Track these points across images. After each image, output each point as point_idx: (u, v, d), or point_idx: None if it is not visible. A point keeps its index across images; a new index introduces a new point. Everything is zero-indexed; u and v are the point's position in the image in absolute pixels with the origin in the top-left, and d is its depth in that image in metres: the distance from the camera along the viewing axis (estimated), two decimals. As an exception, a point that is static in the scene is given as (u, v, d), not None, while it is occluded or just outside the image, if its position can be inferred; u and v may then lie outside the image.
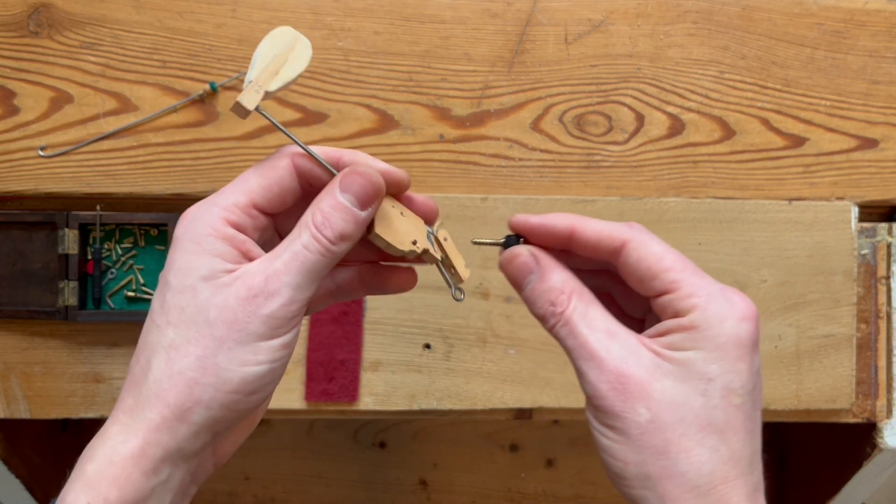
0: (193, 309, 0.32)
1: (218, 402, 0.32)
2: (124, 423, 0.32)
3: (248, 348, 0.32)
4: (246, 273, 0.32)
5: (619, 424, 0.32)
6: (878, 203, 0.64)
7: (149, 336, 0.33)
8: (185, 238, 0.33)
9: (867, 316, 0.63)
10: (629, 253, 0.34)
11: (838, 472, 0.70)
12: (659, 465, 0.31)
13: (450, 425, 0.86)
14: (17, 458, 0.65)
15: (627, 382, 0.32)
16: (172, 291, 0.32)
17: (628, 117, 0.62)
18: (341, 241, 0.33)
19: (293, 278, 0.32)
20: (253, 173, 0.34)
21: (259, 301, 0.32)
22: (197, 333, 0.32)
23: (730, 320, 0.32)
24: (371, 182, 0.33)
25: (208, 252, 0.32)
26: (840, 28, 0.63)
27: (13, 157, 0.60)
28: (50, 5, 0.60)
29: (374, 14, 0.61)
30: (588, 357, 0.33)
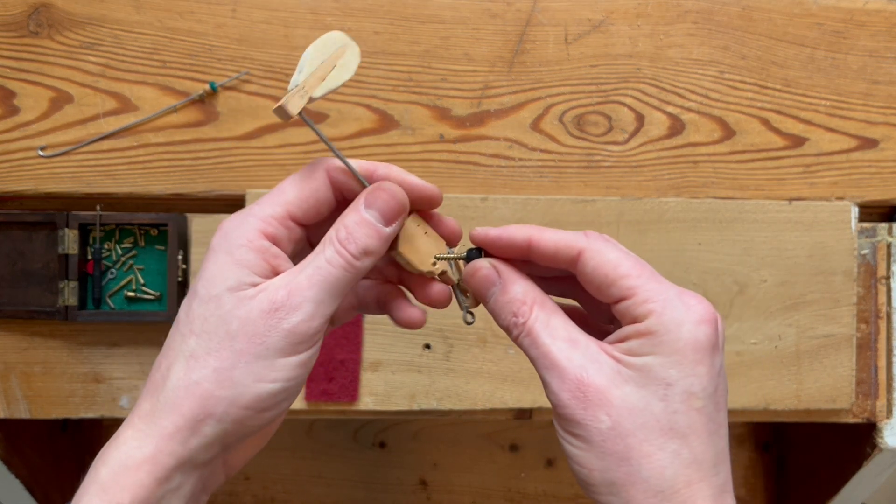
0: (216, 319, 0.32)
1: (230, 416, 0.32)
2: (139, 428, 0.32)
3: (266, 363, 0.32)
4: (270, 286, 0.33)
5: (582, 432, 0.32)
6: (878, 203, 0.64)
7: (172, 342, 0.33)
8: (219, 249, 0.33)
9: (867, 316, 0.63)
10: (585, 262, 0.34)
11: (838, 472, 0.70)
12: (622, 471, 0.32)
13: (450, 425, 0.86)
14: (17, 458, 0.65)
15: (587, 390, 0.32)
16: (199, 300, 0.33)
17: (628, 117, 0.62)
18: (365, 256, 0.33)
19: (315, 293, 0.32)
20: (290, 184, 0.34)
21: (280, 315, 0.32)
22: (217, 345, 0.32)
23: (687, 324, 0.32)
24: (395, 199, 0.34)
25: (239, 263, 0.33)
26: (840, 28, 0.63)
27: (13, 157, 0.60)
28: (50, 5, 0.60)
29: (374, 14, 0.61)
30: (549, 366, 0.33)
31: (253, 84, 0.61)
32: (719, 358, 0.33)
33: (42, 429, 0.71)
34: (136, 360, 0.61)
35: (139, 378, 0.61)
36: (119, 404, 0.61)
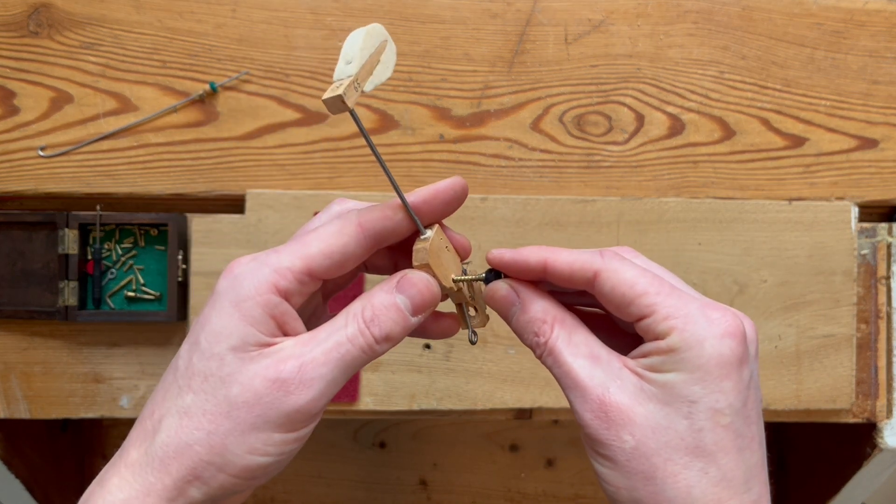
0: (216, 381, 0.31)
1: (218, 482, 0.31)
2: (126, 478, 0.31)
3: (261, 436, 0.31)
4: (280, 353, 0.31)
5: (607, 452, 0.32)
6: (878, 203, 0.64)
7: (168, 392, 0.32)
8: (225, 297, 0.31)
9: (867, 316, 0.63)
10: (602, 283, 0.33)
11: (838, 472, 0.70)
12: (647, 490, 0.31)
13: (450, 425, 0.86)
14: (17, 458, 0.65)
15: (609, 410, 0.31)
16: (200, 355, 0.31)
17: (628, 117, 0.62)
18: (386, 341, 0.32)
19: (330, 371, 0.31)
20: (315, 238, 0.32)
21: (287, 390, 0.30)
22: (214, 408, 0.31)
23: (710, 339, 0.31)
24: (431, 293, 0.33)
25: (245, 319, 0.31)
26: (840, 28, 0.63)
27: (13, 157, 0.60)
28: (50, 5, 0.60)
29: (374, 14, 0.61)
30: (572, 386, 0.33)
31: (253, 84, 0.61)
32: (747, 370, 0.32)
33: (42, 429, 0.71)
34: (136, 361, 0.61)
35: (139, 378, 0.61)
36: (119, 404, 0.61)
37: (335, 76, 0.32)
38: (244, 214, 0.59)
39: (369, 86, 0.32)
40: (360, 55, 0.32)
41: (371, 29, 0.33)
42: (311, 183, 0.61)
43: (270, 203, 0.59)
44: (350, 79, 0.31)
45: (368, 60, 0.32)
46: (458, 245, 0.36)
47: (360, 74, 0.32)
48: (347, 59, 0.32)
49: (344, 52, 0.32)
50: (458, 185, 0.34)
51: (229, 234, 0.59)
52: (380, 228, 0.33)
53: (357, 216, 0.33)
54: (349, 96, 0.31)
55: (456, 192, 0.34)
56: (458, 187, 0.34)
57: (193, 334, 0.32)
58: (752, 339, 0.33)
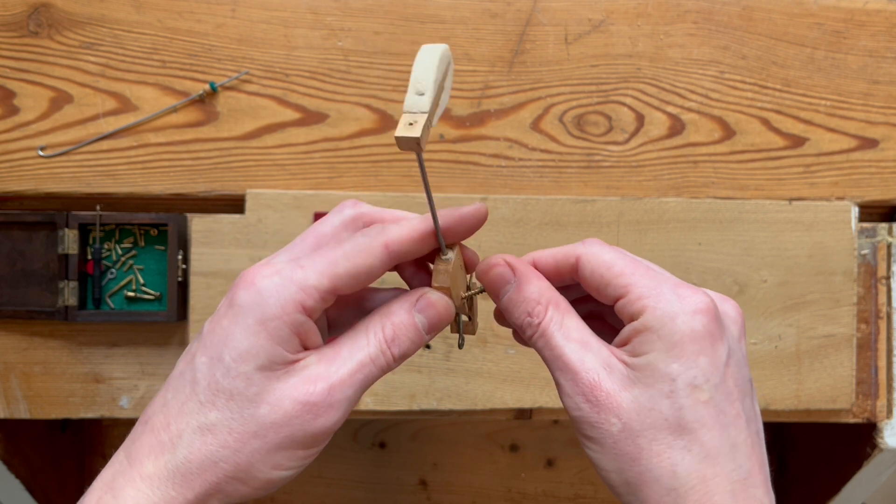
0: (243, 400, 0.31)
1: (239, 493, 0.31)
2: (142, 490, 0.31)
3: (287, 454, 0.31)
4: (306, 371, 0.31)
5: (596, 434, 0.32)
6: (878, 203, 0.64)
7: (185, 406, 0.31)
8: (250, 313, 0.31)
9: (867, 316, 0.63)
10: (583, 266, 0.34)
11: (838, 472, 0.70)
12: (635, 471, 0.31)
13: (450, 425, 0.86)
14: (17, 458, 0.65)
15: (599, 395, 0.32)
16: (224, 373, 0.31)
17: (628, 117, 0.62)
18: (402, 359, 0.33)
19: (355, 392, 0.32)
20: (343, 258, 0.32)
21: (318, 412, 0.31)
22: (241, 427, 0.31)
23: (680, 315, 0.32)
24: (448, 315, 0.34)
25: (272, 339, 0.31)
26: (840, 28, 0.63)
27: (13, 157, 0.60)
28: (50, 5, 0.60)
29: (374, 14, 0.61)
30: (563, 368, 0.33)
31: (253, 84, 0.61)
32: (723, 347, 0.32)
33: (42, 429, 0.71)
34: (136, 361, 0.61)
35: (139, 378, 0.61)
36: (119, 404, 0.61)
37: (406, 107, 0.30)
38: (244, 214, 0.59)
39: (436, 119, 0.31)
40: (433, 87, 0.30)
41: (444, 53, 0.31)
42: (310, 183, 0.61)
43: (270, 203, 0.59)
44: (425, 117, 0.29)
45: (437, 91, 0.31)
46: (468, 261, 0.37)
47: (433, 110, 0.30)
48: (420, 89, 0.30)
49: (416, 79, 0.30)
50: (480, 212, 0.35)
51: (229, 234, 0.59)
52: (405, 251, 0.33)
53: (384, 236, 0.33)
54: (424, 138, 0.29)
55: (478, 220, 0.35)
56: (482, 215, 0.35)
57: (213, 349, 0.31)
58: (734, 319, 0.34)
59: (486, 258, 0.36)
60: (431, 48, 0.31)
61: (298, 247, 0.34)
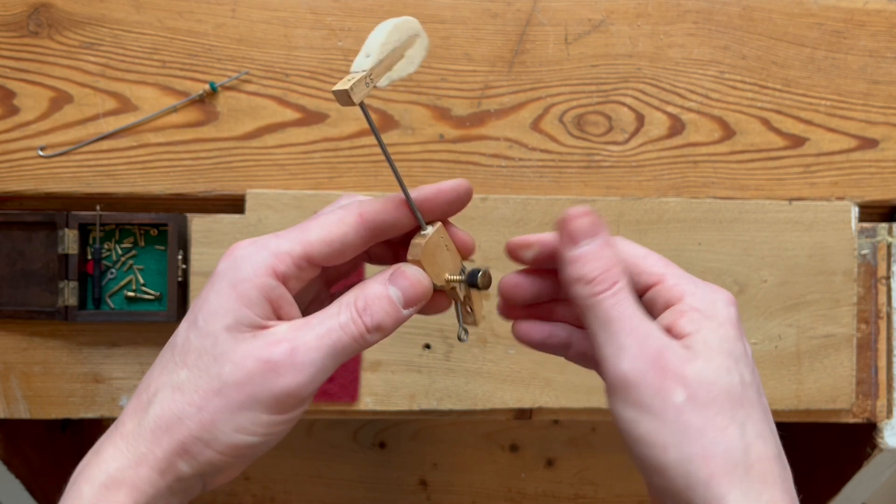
0: (210, 358, 0.31)
1: (206, 457, 0.31)
2: (119, 448, 0.32)
3: (249, 416, 0.31)
4: (272, 336, 0.31)
5: (657, 404, 0.31)
6: (878, 203, 0.64)
7: (164, 368, 0.33)
8: (224, 277, 0.32)
9: (867, 316, 0.63)
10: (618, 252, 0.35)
11: (838, 472, 0.70)
12: (699, 444, 0.30)
13: (450, 425, 0.86)
14: (17, 458, 0.65)
15: (667, 362, 0.31)
16: (196, 332, 0.32)
17: (628, 117, 0.62)
18: (377, 331, 0.33)
19: (321, 357, 0.31)
20: (316, 225, 0.33)
21: (279, 371, 0.31)
22: (206, 385, 0.31)
23: (719, 303, 0.33)
24: (423, 287, 0.34)
25: (241, 300, 0.31)
26: (840, 28, 0.63)
27: (13, 157, 0.60)
28: (50, 5, 0.60)
29: (374, 14, 0.61)
30: (630, 331, 0.32)
31: (253, 84, 0.61)
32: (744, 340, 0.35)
33: (42, 429, 0.71)
34: (136, 360, 0.61)
35: (139, 378, 0.61)
36: (119, 404, 0.61)
37: (352, 68, 0.31)
38: (244, 214, 0.59)
39: (385, 80, 0.32)
40: (379, 50, 0.32)
41: (400, 23, 0.32)
42: (310, 183, 0.61)
43: (270, 203, 0.59)
44: (363, 73, 0.31)
45: (389, 55, 0.32)
46: (461, 243, 0.37)
47: (376, 70, 0.31)
48: (367, 52, 0.32)
49: (366, 44, 0.32)
50: (461, 186, 0.35)
51: (229, 234, 0.59)
52: (380, 220, 0.33)
53: (358, 207, 0.33)
54: (357, 91, 0.30)
55: (459, 194, 0.35)
56: (462, 189, 0.35)
57: (192, 313, 0.33)
58: None
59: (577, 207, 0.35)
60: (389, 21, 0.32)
61: None
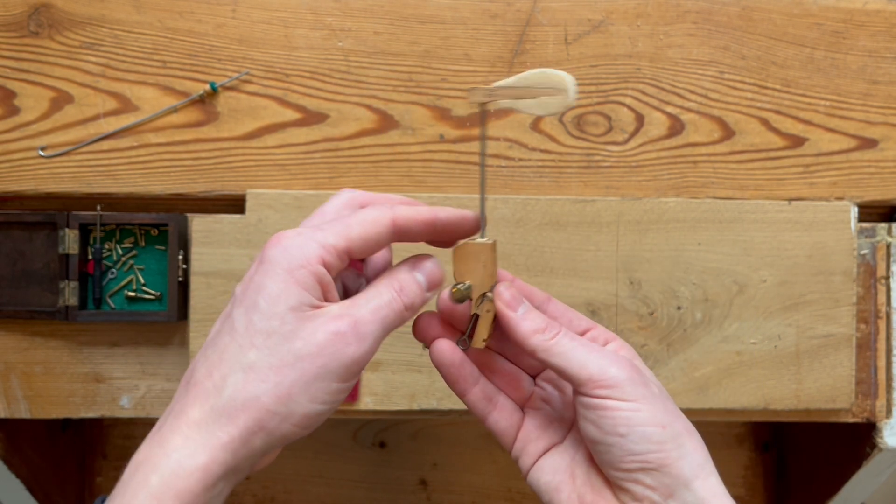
0: (279, 337, 0.33)
1: (280, 431, 0.33)
2: (190, 437, 0.33)
3: (322, 385, 0.34)
4: (329, 313, 0.34)
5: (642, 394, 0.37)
6: (878, 203, 0.64)
7: (225, 353, 0.34)
8: (278, 264, 0.34)
9: (867, 316, 0.63)
10: None
11: (838, 472, 0.70)
12: (680, 424, 0.37)
13: (450, 425, 0.87)
14: (17, 457, 0.65)
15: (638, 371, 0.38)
16: (261, 315, 0.34)
17: (628, 117, 0.62)
18: (411, 309, 0.37)
19: (377, 328, 0.35)
20: (357, 223, 0.36)
21: (347, 341, 0.34)
22: (279, 361, 0.33)
23: None
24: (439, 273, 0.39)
25: (299, 284, 0.34)
26: (840, 28, 0.63)
27: (13, 157, 0.60)
28: (50, 5, 0.60)
29: (374, 14, 0.61)
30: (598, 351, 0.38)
31: (253, 84, 0.61)
32: None
33: (42, 429, 0.72)
34: (137, 360, 0.61)
35: (139, 378, 0.61)
36: (119, 404, 0.61)
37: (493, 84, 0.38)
38: (244, 214, 0.59)
39: (505, 103, 0.38)
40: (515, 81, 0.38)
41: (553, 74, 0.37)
42: (311, 183, 0.61)
43: (271, 203, 0.59)
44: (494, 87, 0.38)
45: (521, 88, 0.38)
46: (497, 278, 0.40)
47: (504, 91, 0.38)
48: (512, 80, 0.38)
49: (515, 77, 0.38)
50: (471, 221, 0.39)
51: (230, 234, 0.59)
52: (408, 229, 0.37)
53: (393, 212, 0.37)
54: (474, 95, 0.38)
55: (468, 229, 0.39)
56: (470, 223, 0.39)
57: (248, 299, 0.34)
58: None
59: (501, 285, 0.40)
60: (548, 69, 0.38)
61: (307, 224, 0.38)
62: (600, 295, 0.60)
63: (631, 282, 0.60)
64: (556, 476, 0.40)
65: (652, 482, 0.36)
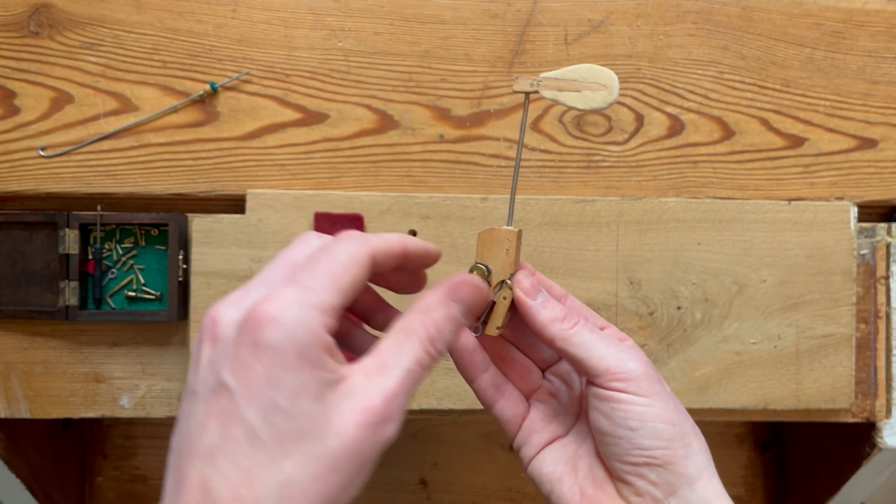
0: (311, 439, 0.29)
1: None
2: None
3: (361, 478, 0.30)
4: (357, 391, 0.30)
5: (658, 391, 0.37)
6: (878, 203, 0.64)
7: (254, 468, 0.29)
8: (286, 350, 0.29)
9: (866, 316, 0.63)
10: None
11: (838, 472, 0.70)
12: (689, 425, 0.38)
13: (450, 425, 0.87)
14: (17, 457, 0.65)
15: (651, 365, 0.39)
16: (285, 416, 0.29)
17: (628, 117, 0.62)
18: (444, 352, 0.33)
19: (406, 398, 0.31)
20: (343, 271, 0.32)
21: (381, 430, 0.30)
22: (318, 468, 0.29)
23: None
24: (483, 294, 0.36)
25: (315, 367, 0.30)
26: (839, 28, 0.63)
27: (14, 157, 0.60)
28: (50, 5, 0.60)
29: (374, 14, 0.61)
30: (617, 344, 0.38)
31: (253, 84, 0.61)
32: None
33: (43, 428, 0.72)
34: (137, 360, 0.61)
35: (140, 378, 0.61)
36: (119, 404, 0.61)
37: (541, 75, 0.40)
38: (244, 214, 0.59)
39: (548, 94, 0.39)
40: (564, 74, 0.39)
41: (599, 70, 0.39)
42: (311, 183, 0.61)
43: (271, 203, 0.59)
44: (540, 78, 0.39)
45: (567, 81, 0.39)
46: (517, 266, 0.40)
47: (548, 81, 0.39)
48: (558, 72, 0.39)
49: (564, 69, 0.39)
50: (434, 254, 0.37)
51: (230, 234, 0.59)
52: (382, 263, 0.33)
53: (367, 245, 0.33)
54: (519, 84, 0.40)
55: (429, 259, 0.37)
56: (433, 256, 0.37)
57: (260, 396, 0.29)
58: None
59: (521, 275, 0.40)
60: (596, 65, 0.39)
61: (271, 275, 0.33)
62: (600, 295, 0.60)
63: (631, 282, 0.60)
64: (559, 467, 0.40)
65: (656, 478, 0.36)
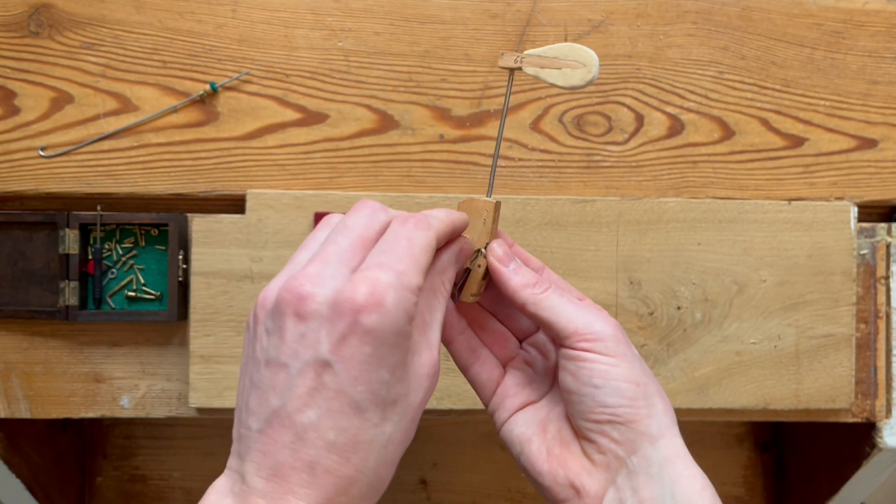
0: (404, 401, 0.34)
1: None
2: None
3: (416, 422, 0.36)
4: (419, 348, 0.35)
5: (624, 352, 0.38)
6: (878, 203, 0.64)
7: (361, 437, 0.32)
8: (389, 332, 0.32)
9: (866, 316, 0.63)
10: None
11: (838, 472, 0.70)
12: (654, 387, 0.39)
13: (450, 425, 0.87)
14: (17, 457, 0.65)
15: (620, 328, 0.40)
16: (387, 387, 0.33)
17: (628, 117, 0.62)
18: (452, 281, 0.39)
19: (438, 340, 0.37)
20: (422, 254, 0.35)
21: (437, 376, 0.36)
22: (407, 423, 0.34)
23: None
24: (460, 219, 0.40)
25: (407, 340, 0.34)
26: (839, 28, 0.63)
27: (14, 157, 0.60)
28: (50, 5, 0.60)
29: (374, 14, 0.61)
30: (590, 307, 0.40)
31: (253, 84, 0.61)
32: None
33: (43, 428, 0.72)
34: (137, 360, 0.61)
35: (140, 378, 0.61)
36: (119, 404, 0.61)
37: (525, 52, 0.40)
38: (244, 214, 0.59)
39: (530, 70, 0.40)
40: (547, 51, 0.40)
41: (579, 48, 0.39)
42: (311, 183, 0.61)
43: (271, 203, 0.59)
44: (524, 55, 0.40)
45: (549, 59, 0.39)
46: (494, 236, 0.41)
47: (531, 58, 0.40)
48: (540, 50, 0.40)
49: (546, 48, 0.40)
50: None
51: (230, 234, 0.59)
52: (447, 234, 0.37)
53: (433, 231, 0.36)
54: (504, 60, 0.40)
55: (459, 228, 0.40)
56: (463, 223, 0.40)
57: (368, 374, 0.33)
58: None
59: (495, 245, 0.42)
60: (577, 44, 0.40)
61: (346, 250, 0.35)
62: (600, 295, 0.60)
63: (631, 282, 0.60)
64: (529, 429, 0.41)
65: (618, 436, 0.37)
